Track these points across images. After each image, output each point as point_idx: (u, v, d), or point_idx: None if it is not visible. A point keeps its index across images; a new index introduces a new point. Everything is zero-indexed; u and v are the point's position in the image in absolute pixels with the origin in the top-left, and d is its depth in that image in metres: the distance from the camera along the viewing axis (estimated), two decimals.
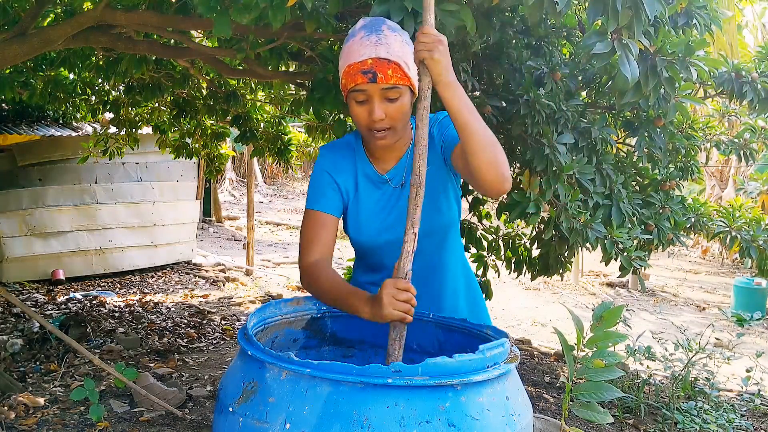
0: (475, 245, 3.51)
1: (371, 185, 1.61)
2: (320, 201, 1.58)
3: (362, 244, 1.64)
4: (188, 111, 5.00)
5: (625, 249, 2.52)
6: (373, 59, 1.38)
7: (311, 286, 1.53)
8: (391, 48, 1.40)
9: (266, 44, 2.92)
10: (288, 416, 1.10)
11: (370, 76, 1.39)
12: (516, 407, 1.21)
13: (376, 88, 1.41)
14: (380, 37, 1.40)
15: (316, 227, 1.56)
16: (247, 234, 8.53)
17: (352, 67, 1.40)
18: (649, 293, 8.70)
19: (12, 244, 6.52)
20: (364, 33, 1.41)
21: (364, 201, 1.61)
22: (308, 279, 1.53)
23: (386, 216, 1.61)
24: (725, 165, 11.94)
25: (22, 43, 2.64)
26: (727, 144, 3.29)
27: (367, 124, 1.46)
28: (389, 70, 1.39)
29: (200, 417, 3.15)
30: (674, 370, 3.59)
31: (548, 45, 2.79)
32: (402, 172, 1.60)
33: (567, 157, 2.47)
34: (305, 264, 1.54)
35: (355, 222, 1.62)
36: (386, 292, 1.29)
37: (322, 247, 1.55)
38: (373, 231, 1.61)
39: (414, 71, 1.44)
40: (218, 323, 5.35)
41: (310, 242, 1.55)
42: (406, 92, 1.45)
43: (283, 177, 21.03)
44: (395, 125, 1.47)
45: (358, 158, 1.62)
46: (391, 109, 1.44)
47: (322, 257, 1.54)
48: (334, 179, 1.60)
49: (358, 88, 1.41)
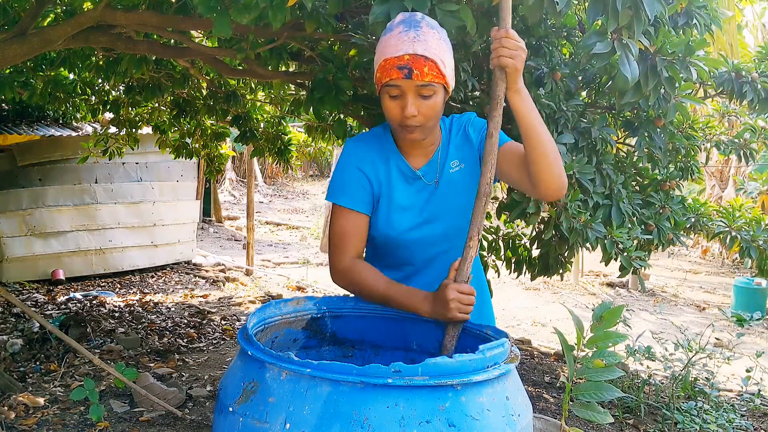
0: None
1: (403, 180, 1.59)
2: (351, 198, 1.55)
3: (391, 239, 1.61)
4: (188, 111, 4.99)
5: (625, 249, 2.52)
6: (410, 55, 1.37)
7: (352, 284, 1.53)
8: (429, 45, 1.38)
9: (266, 44, 2.92)
10: (288, 416, 1.10)
11: (406, 72, 1.38)
12: (516, 407, 1.21)
13: (411, 85, 1.40)
14: (418, 33, 1.38)
15: (349, 226, 1.55)
16: (247, 234, 8.54)
17: (388, 61, 1.39)
18: (649, 293, 8.70)
19: (12, 244, 6.52)
20: (402, 28, 1.40)
21: (397, 195, 1.58)
22: (348, 277, 1.53)
23: (418, 213, 1.59)
24: (725, 165, 11.94)
25: (22, 43, 2.64)
26: (727, 144, 3.29)
27: (399, 119, 1.45)
28: (425, 68, 1.38)
29: (200, 417, 3.15)
30: (674, 370, 3.58)
31: (548, 45, 2.79)
32: (435, 169, 1.59)
33: (567, 157, 2.47)
34: (342, 263, 1.53)
35: (386, 216, 1.59)
36: (452, 296, 1.37)
37: (356, 246, 1.55)
38: (404, 227, 1.59)
39: (449, 69, 1.43)
40: (218, 323, 5.35)
41: (343, 241, 1.54)
42: (440, 90, 1.44)
43: (283, 177, 21.03)
44: (426, 123, 1.46)
45: (390, 152, 1.59)
46: (424, 107, 1.43)
47: (358, 255, 1.54)
48: (364, 173, 1.57)
49: (393, 83, 1.41)
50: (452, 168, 1.58)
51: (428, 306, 1.41)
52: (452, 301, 1.36)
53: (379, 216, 1.59)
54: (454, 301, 1.37)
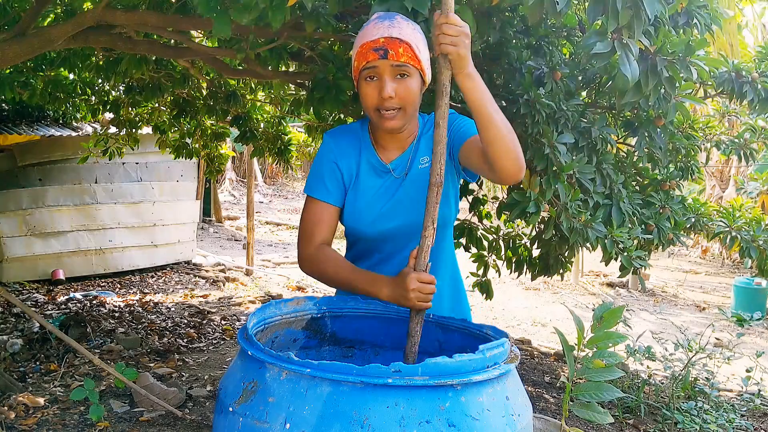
0: (475, 245, 3.51)
1: (373, 173, 1.62)
2: (322, 190, 1.60)
3: (357, 231, 1.65)
4: (188, 111, 4.99)
5: (626, 249, 2.52)
6: (385, 38, 1.41)
7: (317, 269, 1.56)
8: (403, 31, 1.42)
9: (266, 44, 2.92)
10: (288, 416, 1.10)
11: (382, 53, 1.41)
12: (516, 407, 1.21)
13: (387, 65, 1.42)
14: (393, 23, 1.43)
15: (318, 216, 1.60)
16: (247, 234, 8.53)
17: (364, 46, 1.43)
18: (649, 293, 8.70)
19: (12, 244, 6.52)
20: (378, 20, 1.45)
21: (364, 188, 1.62)
22: (313, 263, 1.56)
23: (383, 204, 1.62)
24: (725, 165, 11.94)
25: (22, 43, 2.64)
26: (727, 144, 3.29)
27: (377, 103, 1.46)
28: (400, 48, 1.41)
29: (200, 417, 3.15)
30: (674, 370, 3.58)
31: (548, 45, 2.79)
32: (405, 163, 1.61)
33: (567, 156, 2.47)
34: (308, 251, 1.57)
35: (352, 208, 1.63)
36: (412, 286, 1.38)
37: (324, 235, 1.59)
38: (369, 219, 1.62)
39: (425, 58, 1.45)
40: (218, 323, 5.35)
41: (311, 230, 1.59)
42: (416, 75, 1.46)
43: (283, 177, 21.03)
44: (404, 106, 1.47)
45: (363, 145, 1.63)
46: (401, 89, 1.44)
47: (323, 243, 1.58)
48: (337, 165, 1.61)
49: (370, 65, 1.43)
50: (422, 163, 1.61)
51: (389, 290, 1.43)
52: (413, 290, 1.38)
53: (346, 207, 1.64)
54: (415, 291, 1.38)
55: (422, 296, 1.39)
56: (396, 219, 1.62)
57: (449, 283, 1.75)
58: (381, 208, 1.62)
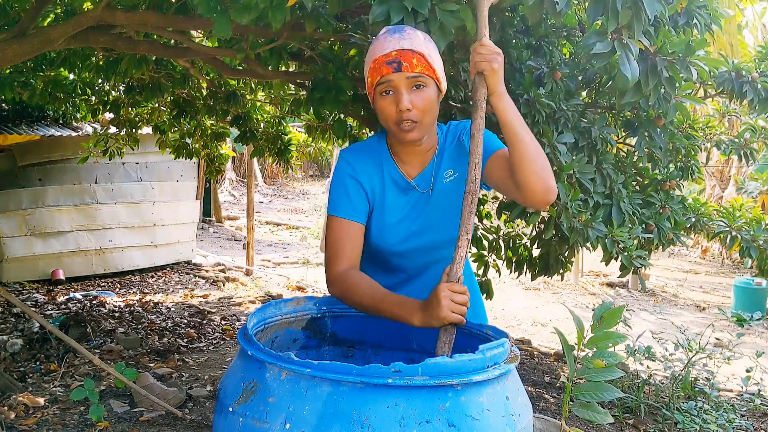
0: (475, 245, 3.51)
1: (398, 190, 1.59)
2: (348, 208, 1.55)
3: (385, 250, 1.61)
4: (188, 111, 4.99)
5: (626, 248, 2.52)
6: (397, 50, 1.40)
7: (346, 294, 1.48)
8: (415, 41, 1.42)
9: (266, 44, 2.92)
10: (288, 416, 1.10)
11: (395, 66, 1.40)
12: (516, 407, 1.21)
13: (402, 77, 1.41)
14: (404, 34, 1.43)
15: (343, 235, 1.53)
16: (247, 234, 8.54)
17: (377, 61, 1.42)
18: (649, 293, 8.70)
19: (12, 244, 6.52)
20: (387, 33, 1.45)
21: (390, 206, 1.58)
22: (341, 287, 1.49)
23: (411, 223, 1.59)
24: (726, 165, 11.94)
25: (22, 43, 2.64)
26: (727, 144, 3.29)
27: (395, 117, 1.45)
28: (414, 59, 1.40)
29: (200, 417, 3.15)
30: (674, 370, 3.58)
31: (548, 45, 2.79)
32: (429, 178, 1.59)
33: (567, 156, 2.47)
34: (335, 273, 1.50)
35: (379, 228, 1.59)
36: (444, 295, 1.30)
37: (351, 255, 1.53)
38: (398, 238, 1.59)
39: (439, 66, 1.46)
40: (218, 323, 5.35)
41: (338, 251, 1.52)
42: (432, 85, 1.45)
43: (283, 177, 21.04)
44: (422, 118, 1.45)
45: (385, 161, 1.59)
46: (418, 100, 1.43)
47: (351, 265, 1.52)
48: (359, 182, 1.57)
49: (384, 79, 1.42)
50: (446, 177, 1.59)
51: (420, 314, 1.34)
52: (444, 299, 1.30)
53: (372, 227, 1.59)
54: (446, 299, 1.30)
55: (454, 306, 1.30)
56: (425, 236, 1.59)
57: (467, 285, 1.75)
58: (410, 227, 1.59)
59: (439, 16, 1.66)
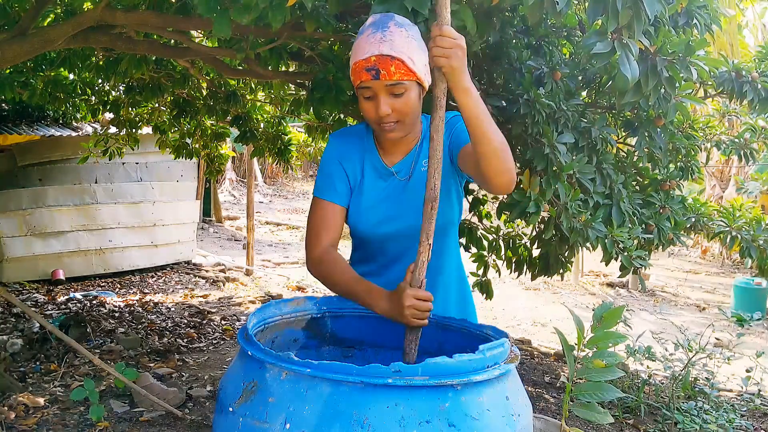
0: (475, 245, 3.50)
1: (377, 176, 1.63)
2: (329, 190, 1.62)
3: (360, 233, 1.66)
4: (188, 111, 4.99)
5: (626, 248, 2.51)
6: (376, 56, 1.39)
7: (321, 274, 1.57)
8: (395, 44, 1.39)
9: (266, 44, 2.92)
10: (288, 416, 1.09)
11: (374, 73, 1.40)
12: (516, 407, 1.21)
13: (380, 85, 1.42)
14: (385, 34, 1.39)
15: (325, 217, 1.61)
16: (247, 234, 8.54)
17: (357, 64, 1.43)
18: (649, 293, 8.70)
19: (12, 244, 6.52)
20: (370, 30, 1.42)
21: (368, 191, 1.63)
22: (318, 266, 1.58)
23: (387, 207, 1.62)
24: (726, 165, 11.94)
25: (22, 43, 2.64)
26: (727, 144, 3.29)
27: (375, 119, 1.48)
28: (392, 67, 1.39)
29: (200, 417, 3.15)
30: (674, 370, 3.58)
31: (548, 45, 2.79)
32: (409, 165, 1.62)
33: (567, 156, 2.47)
34: (315, 252, 1.58)
35: (356, 211, 1.64)
36: (408, 303, 1.37)
37: (331, 235, 1.60)
38: (373, 221, 1.63)
39: (420, 65, 1.43)
40: (218, 323, 5.34)
41: (318, 231, 1.60)
42: (413, 86, 1.45)
43: (283, 177, 21.03)
44: (403, 119, 1.48)
45: (367, 148, 1.64)
46: (398, 104, 1.45)
47: (331, 245, 1.59)
48: (342, 167, 1.63)
49: (364, 85, 1.44)
50: (424, 166, 1.60)
51: (385, 304, 1.43)
52: (408, 308, 1.37)
53: (351, 209, 1.65)
54: (410, 308, 1.37)
55: (418, 314, 1.38)
56: (400, 221, 1.62)
57: (456, 282, 1.76)
58: (385, 211, 1.62)
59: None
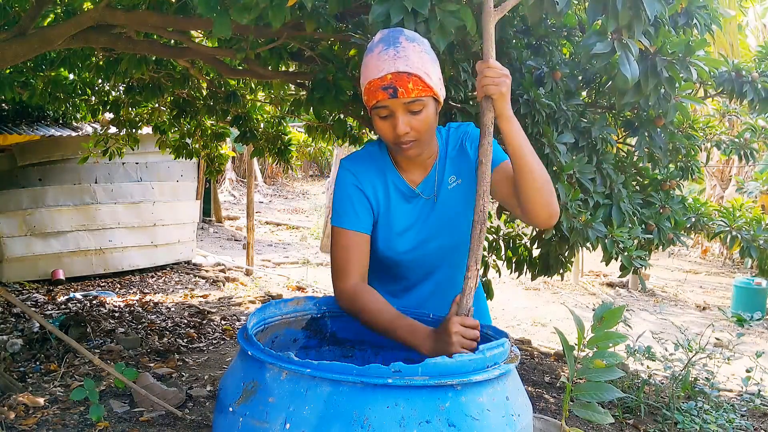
0: None
1: (402, 198, 1.58)
2: (352, 218, 1.53)
3: (390, 258, 1.60)
4: (188, 111, 4.99)
5: (626, 248, 2.52)
6: (392, 74, 1.36)
7: (355, 311, 1.47)
8: (410, 60, 1.37)
9: (266, 44, 2.92)
10: (288, 416, 1.09)
11: (391, 92, 1.37)
12: (516, 407, 1.21)
13: (399, 103, 1.38)
14: (398, 50, 1.37)
15: (351, 247, 1.51)
16: (247, 234, 8.54)
17: (372, 83, 1.38)
18: (649, 293, 8.70)
19: (12, 244, 6.52)
20: (382, 47, 1.39)
21: (396, 215, 1.57)
22: (350, 303, 1.48)
23: (419, 231, 1.59)
24: (726, 165, 11.95)
25: (22, 43, 2.64)
26: (727, 144, 3.29)
27: (393, 138, 1.44)
28: (410, 84, 1.36)
29: (200, 417, 3.15)
30: (674, 370, 3.58)
31: (548, 45, 2.79)
32: (432, 184, 1.58)
33: (567, 156, 2.47)
34: (345, 287, 1.49)
35: (386, 236, 1.58)
36: (455, 330, 1.31)
37: (359, 267, 1.51)
38: (407, 246, 1.58)
39: (435, 79, 1.42)
40: (218, 323, 5.35)
41: (346, 264, 1.50)
42: (430, 102, 1.42)
43: (283, 177, 21.04)
44: (421, 137, 1.44)
45: (388, 169, 1.57)
46: (415, 122, 1.41)
47: (360, 278, 1.51)
48: (363, 192, 1.55)
49: (381, 104, 1.40)
50: (450, 184, 1.58)
51: (430, 343, 1.34)
52: (455, 334, 1.31)
53: (378, 237, 1.58)
54: (457, 335, 1.31)
55: (464, 342, 1.31)
56: (432, 243, 1.58)
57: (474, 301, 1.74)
58: (417, 235, 1.58)
59: (439, 17, 1.66)
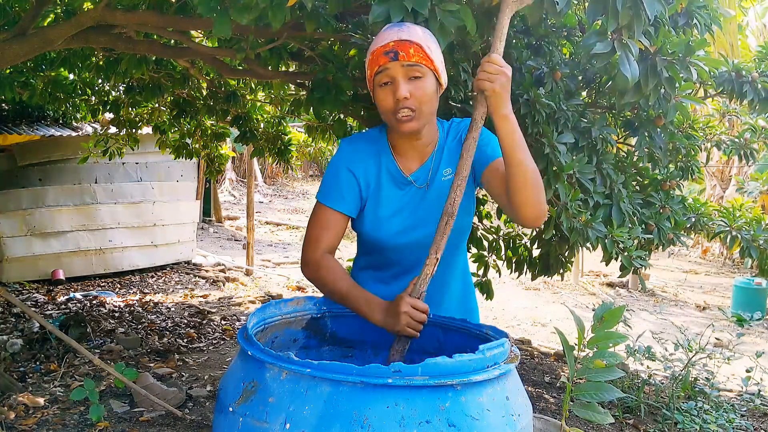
0: (475, 245, 3.51)
1: (394, 183, 1.59)
2: (335, 198, 1.57)
3: (379, 241, 1.62)
4: (188, 111, 4.99)
5: (626, 248, 2.51)
6: (395, 41, 1.42)
7: (318, 279, 1.55)
8: (413, 34, 1.43)
9: (266, 44, 2.92)
10: (288, 416, 1.10)
11: (392, 55, 1.41)
12: (516, 407, 1.21)
13: (398, 66, 1.42)
14: (402, 27, 1.45)
15: (328, 224, 1.57)
16: (247, 234, 8.54)
17: (375, 52, 1.44)
18: (649, 293, 8.70)
19: (12, 244, 6.52)
20: (387, 27, 1.47)
21: (386, 199, 1.59)
22: (315, 269, 1.55)
23: (407, 217, 1.60)
24: (726, 165, 11.95)
25: (22, 43, 2.64)
26: (727, 144, 3.29)
27: (393, 106, 1.45)
28: (411, 49, 1.41)
29: (200, 417, 3.15)
30: (674, 370, 3.58)
31: (548, 45, 2.78)
32: (426, 173, 1.59)
33: (567, 156, 2.47)
34: (312, 257, 1.55)
35: (373, 219, 1.60)
36: (404, 309, 1.39)
37: (331, 242, 1.57)
38: (393, 231, 1.60)
39: (438, 58, 1.46)
40: (218, 323, 5.35)
41: (318, 236, 1.56)
42: (430, 75, 1.45)
43: (283, 177, 21.04)
44: (420, 107, 1.45)
45: (383, 153, 1.60)
46: (415, 89, 1.43)
47: (329, 251, 1.56)
48: (353, 174, 1.58)
49: (382, 68, 1.44)
50: (444, 176, 1.59)
51: (382, 316, 1.43)
52: (404, 314, 1.38)
53: (366, 218, 1.61)
54: (405, 315, 1.38)
55: (412, 322, 1.39)
56: (419, 231, 1.59)
57: (460, 287, 1.75)
58: (405, 220, 1.60)
59: (439, 16, 1.66)
